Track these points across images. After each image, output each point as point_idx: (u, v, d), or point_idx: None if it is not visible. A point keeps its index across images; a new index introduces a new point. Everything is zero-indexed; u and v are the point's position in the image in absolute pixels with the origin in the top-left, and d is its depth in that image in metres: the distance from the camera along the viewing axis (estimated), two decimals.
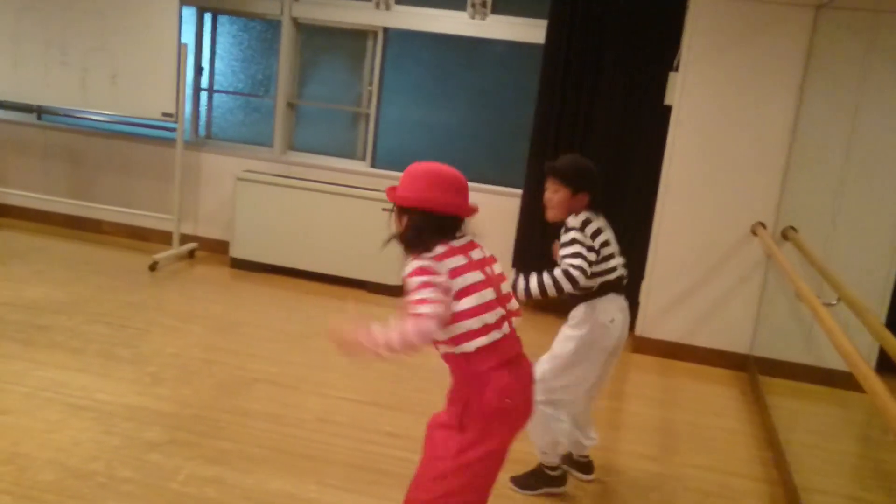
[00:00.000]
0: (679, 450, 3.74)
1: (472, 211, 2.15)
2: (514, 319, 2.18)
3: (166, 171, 6.07)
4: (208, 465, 3.03)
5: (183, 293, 5.25)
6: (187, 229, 6.16)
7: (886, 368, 2.87)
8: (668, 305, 4.93)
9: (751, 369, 4.80)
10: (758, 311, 4.84)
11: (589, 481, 3.30)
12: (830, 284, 3.76)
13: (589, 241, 2.89)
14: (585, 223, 2.92)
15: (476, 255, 2.14)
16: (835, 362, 2.92)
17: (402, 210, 2.12)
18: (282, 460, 3.15)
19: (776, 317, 4.76)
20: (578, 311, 3.04)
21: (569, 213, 2.98)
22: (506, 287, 2.19)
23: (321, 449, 3.29)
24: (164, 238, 6.05)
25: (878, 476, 3.90)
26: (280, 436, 3.35)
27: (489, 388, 2.09)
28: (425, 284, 1.99)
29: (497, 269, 2.19)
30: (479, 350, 2.07)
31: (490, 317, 2.08)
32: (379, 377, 4.16)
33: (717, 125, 4.71)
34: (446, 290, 2.02)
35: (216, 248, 6.16)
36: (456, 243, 2.11)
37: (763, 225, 4.69)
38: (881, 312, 4.47)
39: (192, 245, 6.10)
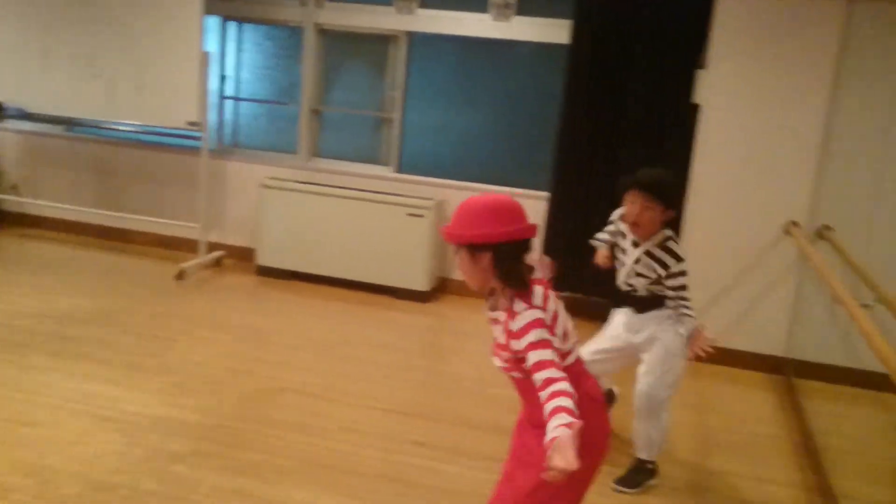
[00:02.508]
0: (713, 456, 3.65)
1: (536, 229, 2.09)
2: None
3: (192, 179, 6.09)
4: (232, 477, 3.01)
5: (210, 302, 5.25)
6: (214, 237, 6.17)
7: None
8: (700, 307, 4.79)
9: (787, 372, 4.69)
10: (793, 313, 4.73)
11: None
12: (867, 285, 3.65)
13: None
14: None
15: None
16: (874, 364, 2.83)
17: (478, 248, 2.01)
18: (307, 471, 3.12)
19: (812, 318, 4.64)
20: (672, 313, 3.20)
21: (658, 230, 3.09)
22: None
23: (347, 459, 3.25)
24: (191, 247, 6.07)
25: None
26: (306, 446, 3.32)
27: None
28: (547, 342, 1.95)
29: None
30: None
31: (570, 343, 2.12)
32: (406, 386, 4.12)
33: (748, 122, 4.61)
34: (556, 346, 1.98)
35: (243, 256, 6.16)
36: (537, 275, 2.06)
37: (797, 224, 4.57)
38: None
39: (218, 253, 6.11)
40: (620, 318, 3.34)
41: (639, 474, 3.27)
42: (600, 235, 3.46)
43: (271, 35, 6.21)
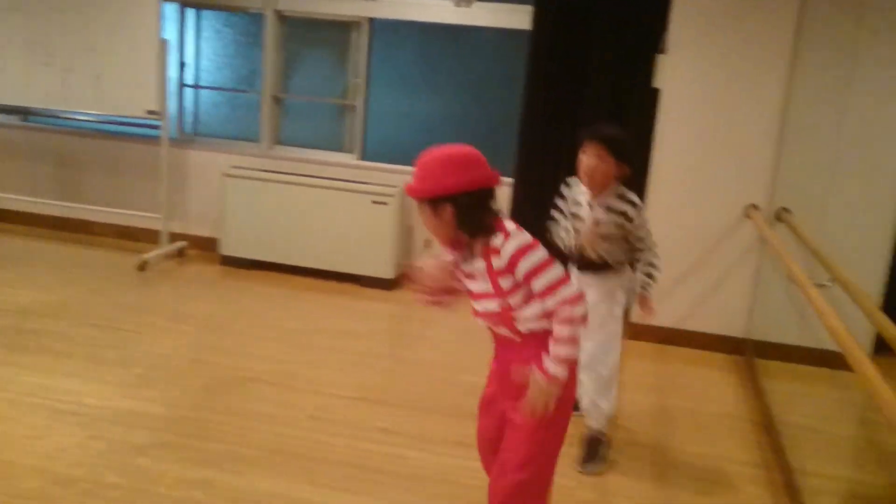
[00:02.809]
0: (676, 437, 3.70)
1: (500, 177, 2.07)
2: None
3: (153, 169, 6.00)
4: (196, 468, 2.99)
5: (173, 292, 5.20)
6: (176, 227, 6.10)
7: (884, 350, 2.83)
8: (662, 291, 4.85)
9: (747, 353, 4.76)
10: (753, 295, 4.80)
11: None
12: (823, 266, 3.71)
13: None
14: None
15: None
16: (831, 343, 2.89)
17: (438, 201, 2.01)
18: (273, 460, 3.11)
19: (772, 299, 4.72)
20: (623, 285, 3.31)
21: (611, 185, 3.11)
22: None
23: (314, 448, 3.24)
24: (153, 237, 5.99)
25: (875, 457, 3.86)
26: (272, 435, 3.31)
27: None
28: (549, 261, 1.94)
29: None
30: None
31: None
32: (372, 373, 4.12)
33: (708, 107, 4.65)
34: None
35: (206, 246, 6.10)
36: (504, 216, 2.06)
37: (756, 207, 4.64)
38: (876, 293, 4.43)
39: (181, 243, 6.04)
40: None
41: (598, 449, 3.31)
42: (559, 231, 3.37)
43: (231, 22, 6.13)
